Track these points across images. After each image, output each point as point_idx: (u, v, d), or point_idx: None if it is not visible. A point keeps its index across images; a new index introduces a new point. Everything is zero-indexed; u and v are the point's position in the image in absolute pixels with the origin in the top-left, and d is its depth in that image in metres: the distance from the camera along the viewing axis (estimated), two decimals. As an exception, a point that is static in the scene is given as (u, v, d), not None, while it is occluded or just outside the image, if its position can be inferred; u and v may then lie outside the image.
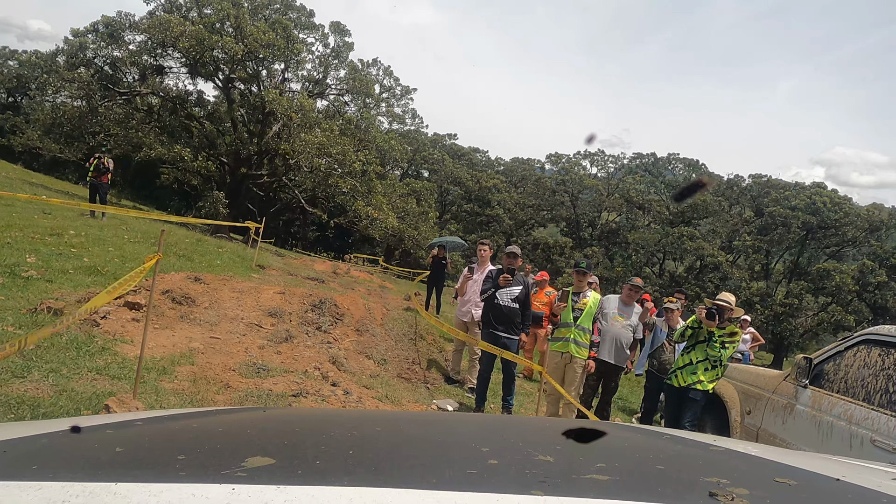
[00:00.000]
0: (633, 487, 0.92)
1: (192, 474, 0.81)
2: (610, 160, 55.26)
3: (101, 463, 0.93)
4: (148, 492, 0.69)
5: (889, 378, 3.52)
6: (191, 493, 0.69)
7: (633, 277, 6.15)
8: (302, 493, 0.71)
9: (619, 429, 1.80)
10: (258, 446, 1.11)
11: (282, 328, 5.77)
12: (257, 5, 25.36)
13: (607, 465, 0.98)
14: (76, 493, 0.68)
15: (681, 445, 1.47)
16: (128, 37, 23.80)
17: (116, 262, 7.50)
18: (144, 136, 23.34)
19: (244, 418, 1.58)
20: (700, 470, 1.14)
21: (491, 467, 0.96)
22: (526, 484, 0.80)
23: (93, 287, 5.74)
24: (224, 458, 0.96)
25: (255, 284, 7.18)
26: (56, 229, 8.59)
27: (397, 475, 0.89)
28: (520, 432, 1.53)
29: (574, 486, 0.83)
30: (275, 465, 0.86)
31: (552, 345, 5.64)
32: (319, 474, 0.86)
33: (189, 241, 11.61)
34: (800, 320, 37.65)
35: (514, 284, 5.65)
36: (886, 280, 36.33)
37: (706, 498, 0.79)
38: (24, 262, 6.17)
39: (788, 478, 1.00)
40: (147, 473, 0.82)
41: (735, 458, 1.29)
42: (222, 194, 23.43)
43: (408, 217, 28.84)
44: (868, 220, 39.27)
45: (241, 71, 24.01)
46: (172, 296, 5.65)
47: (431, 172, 47.65)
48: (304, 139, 22.28)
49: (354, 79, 28.05)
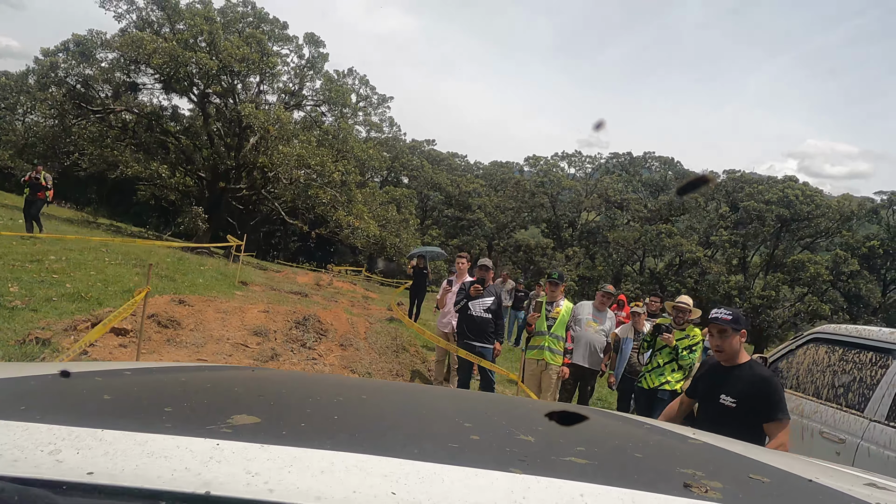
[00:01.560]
0: (610, 473, 0.93)
1: (178, 427, 0.82)
2: (587, 160, 55.97)
3: (89, 409, 0.94)
4: (133, 440, 0.70)
5: (834, 373, 3.81)
6: (175, 445, 0.70)
7: (605, 284, 6.40)
8: (284, 453, 0.72)
9: (601, 415, 1.81)
10: (245, 405, 1.13)
11: (267, 346, 5.91)
12: (230, 19, 25.36)
13: (587, 450, 0.99)
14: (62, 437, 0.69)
15: (660, 436, 1.49)
16: (100, 55, 23.65)
17: (99, 286, 7.56)
18: (120, 153, 23.20)
19: (233, 376, 1.59)
20: (677, 460, 1.16)
21: (472, 443, 0.99)
22: (505, 461, 0.81)
23: (78, 314, 5.83)
24: (210, 414, 0.99)
25: (240, 304, 7.30)
26: (36, 255, 8.61)
27: (379, 443, 0.90)
28: (503, 411, 1.56)
29: (552, 467, 0.84)
30: (260, 425, 0.88)
31: (528, 353, 5.89)
32: (303, 436, 0.87)
33: (170, 259, 11.64)
34: (778, 311, 38.37)
35: (486, 295, 5.84)
36: (859, 269, 37.33)
37: (680, 488, 0.80)
38: (6, 291, 6.23)
39: (762, 475, 1.01)
40: (133, 423, 0.82)
41: (712, 451, 1.31)
42: (201, 209, 23.36)
43: (389, 225, 28.94)
44: (839, 211, 40.32)
45: (217, 85, 23.97)
46: (158, 319, 5.76)
47: (411, 179, 47.82)
48: (282, 151, 22.29)
49: (330, 89, 28.14)
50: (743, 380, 2.92)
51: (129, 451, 0.67)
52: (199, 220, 22.78)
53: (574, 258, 42.06)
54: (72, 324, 5.35)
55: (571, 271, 39.64)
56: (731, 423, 2.77)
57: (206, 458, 0.67)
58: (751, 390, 2.88)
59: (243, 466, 0.67)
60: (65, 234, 12.36)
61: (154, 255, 11.54)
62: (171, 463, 0.66)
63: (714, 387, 3.00)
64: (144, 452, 0.68)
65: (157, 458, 0.66)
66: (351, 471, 0.69)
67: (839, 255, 37.46)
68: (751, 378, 2.92)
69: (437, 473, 0.71)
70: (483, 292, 5.79)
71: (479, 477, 0.72)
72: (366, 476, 0.68)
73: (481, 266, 6.03)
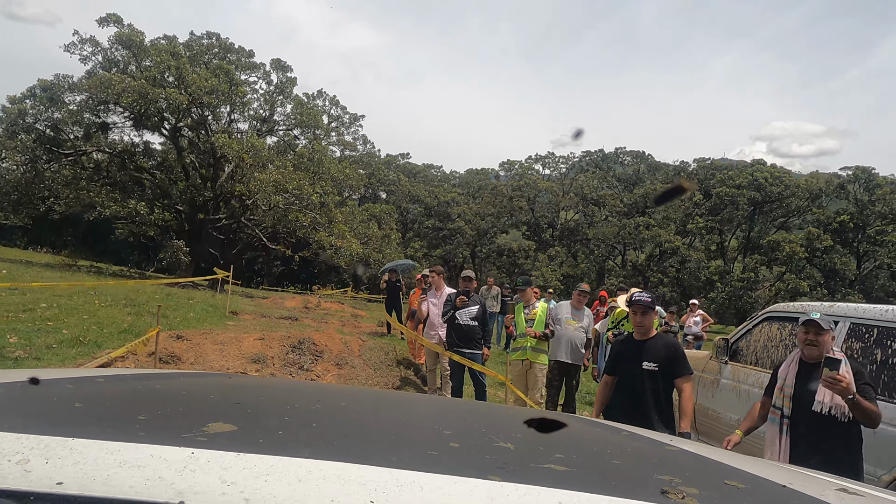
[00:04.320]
0: (589, 480, 0.94)
1: (152, 435, 0.81)
2: (561, 161, 56.74)
3: (59, 417, 0.92)
4: (105, 449, 0.69)
5: (786, 347, 4.21)
6: (149, 454, 0.69)
7: (580, 284, 6.82)
8: (261, 461, 0.71)
9: (579, 422, 1.83)
10: (221, 412, 1.13)
11: (266, 372, 6.16)
12: (196, 53, 25.51)
13: (565, 457, 1.00)
14: (31, 446, 0.68)
15: (638, 442, 1.51)
16: (67, 97, 23.65)
17: (94, 329, 7.74)
18: (96, 194, 23.15)
19: (209, 384, 1.57)
20: (654, 467, 1.17)
21: (451, 450, 1.00)
22: (484, 469, 0.82)
23: (79, 358, 6.04)
24: (185, 422, 0.97)
25: (235, 334, 7.54)
26: (27, 304, 8.74)
27: (358, 451, 0.90)
28: (483, 418, 1.58)
29: (531, 475, 0.85)
30: (236, 433, 0.87)
31: (511, 355, 6.28)
32: (280, 444, 0.87)
33: (159, 295, 11.79)
34: (759, 292, 39.18)
35: (471, 304, 6.24)
36: (832, 244, 38.35)
37: (658, 495, 0.81)
38: (6, 343, 6.40)
39: (738, 481, 1.03)
40: (105, 431, 0.81)
41: (688, 458, 1.32)
42: (182, 243, 23.38)
43: (371, 241, 29.14)
44: (808, 190, 41.43)
45: (188, 119, 24.10)
46: (159, 356, 5.99)
47: (389, 193, 48.10)
48: (258, 178, 22.42)
49: (302, 113, 28.40)
50: (658, 348, 3.71)
51: (101, 461, 0.66)
52: (181, 253, 22.80)
53: (557, 258, 42.61)
54: (76, 368, 5.56)
55: (555, 270, 40.14)
56: (653, 383, 3.62)
57: (180, 467, 0.67)
58: (666, 354, 3.68)
59: (219, 475, 0.66)
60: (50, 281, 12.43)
61: (142, 293, 11.69)
62: (144, 472, 0.65)
63: (635, 357, 3.73)
64: (116, 462, 0.66)
65: (129, 468, 0.66)
66: (329, 479, 0.69)
67: (812, 233, 38.46)
68: (664, 346, 3.73)
69: (415, 481, 0.71)
70: (468, 302, 6.15)
71: (458, 484, 0.73)
72: (344, 484, 0.68)
73: (464, 277, 6.40)
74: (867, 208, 39.81)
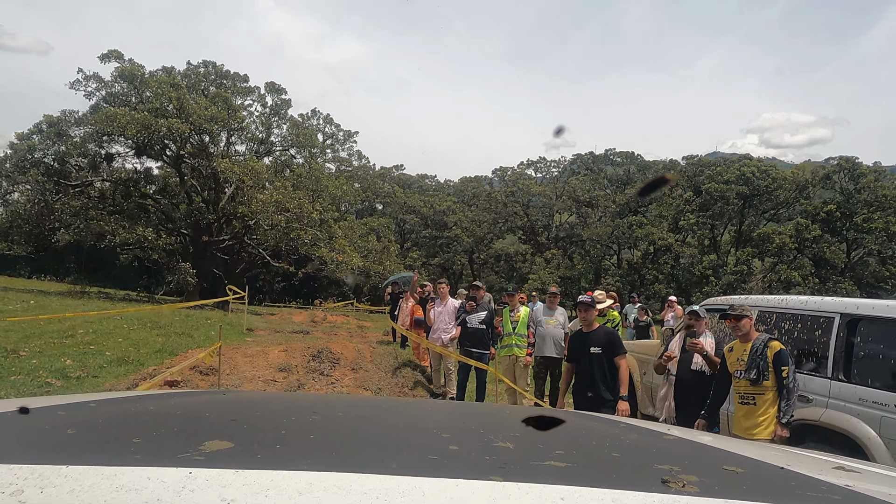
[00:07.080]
0: (590, 474, 0.95)
1: (148, 457, 0.81)
2: (552, 164, 57.59)
3: (52, 445, 0.92)
4: (101, 474, 0.68)
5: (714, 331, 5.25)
6: (146, 477, 0.68)
7: (550, 287, 8.18)
8: (260, 477, 0.70)
9: (576, 417, 1.87)
10: (217, 430, 1.13)
11: (293, 379, 7.07)
12: (193, 82, 26.45)
13: (565, 453, 1.01)
14: (24, 476, 0.66)
15: (636, 434, 1.52)
16: (73, 131, 24.53)
17: (132, 350, 8.61)
18: (105, 223, 23.95)
19: (203, 401, 1.58)
20: (653, 457, 1.18)
21: (451, 453, 0.99)
22: (485, 470, 0.82)
23: (132, 374, 6.92)
24: (181, 442, 0.97)
25: (261, 348, 8.44)
26: (67, 332, 9.60)
27: (357, 460, 0.89)
28: (480, 419, 1.61)
29: (532, 472, 0.84)
30: (233, 449, 0.86)
31: (500, 352, 7.36)
32: (279, 459, 0.87)
33: (178, 318, 12.66)
34: (752, 284, 39.93)
35: (480, 310, 7.40)
36: (821, 234, 39.19)
37: (658, 484, 0.81)
38: (64, 365, 7.27)
39: (736, 465, 1.04)
40: (100, 456, 0.81)
41: (686, 446, 1.34)
42: (188, 265, 24.18)
43: (371, 254, 29.91)
44: (794, 182, 42.42)
45: (189, 146, 24.97)
46: (200, 369, 6.87)
47: (385, 205, 48.95)
48: (259, 199, 23.21)
49: (297, 133, 29.32)
50: (600, 336, 5.07)
51: (97, 486, 0.65)
52: (189, 275, 23.61)
53: (553, 260, 43.41)
54: (134, 381, 6.43)
55: (552, 273, 40.96)
56: (599, 363, 4.93)
57: (178, 488, 0.66)
58: (606, 340, 5.04)
59: (218, 494, 0.65)
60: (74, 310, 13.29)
61: (163, 316, 12.55)
62: (141, 496, 0.64)
63: (584, 346, 5.05)
64: (113, 487, 0.65)
65: (126, 492, 0.64)
66: (330, 490, 0.68)
67: (800, 223, 39.29)
68: (604, 334, 5.13)
69: (417, 487, 0.71)
70: (476, 308, 7.25)
71: (460, 487, 0.72)
72: (346, 495, 0.67)
73: (473, 286, 7.57)
74: (853, 197, 40.64)
